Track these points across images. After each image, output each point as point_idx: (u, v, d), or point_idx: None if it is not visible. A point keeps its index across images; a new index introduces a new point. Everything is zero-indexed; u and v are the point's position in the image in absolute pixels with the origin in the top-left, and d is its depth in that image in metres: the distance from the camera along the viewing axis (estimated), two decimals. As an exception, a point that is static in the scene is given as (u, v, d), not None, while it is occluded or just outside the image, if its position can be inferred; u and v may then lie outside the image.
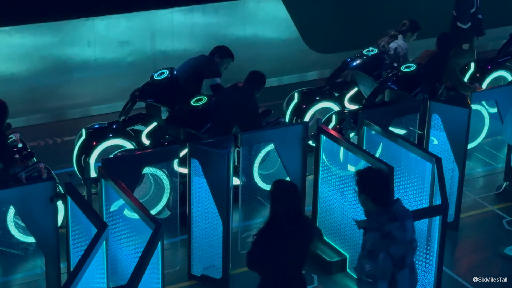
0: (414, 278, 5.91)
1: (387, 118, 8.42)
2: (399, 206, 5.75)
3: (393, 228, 5.63)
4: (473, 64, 11.10)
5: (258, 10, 12.30)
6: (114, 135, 9.28)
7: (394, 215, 5.67)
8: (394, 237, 5.61)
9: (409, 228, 5.71)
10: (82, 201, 6.61)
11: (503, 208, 9.07)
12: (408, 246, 5.69)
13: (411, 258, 5.80)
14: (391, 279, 5.67)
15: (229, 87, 9.11)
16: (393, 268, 5.62)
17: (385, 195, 5.71)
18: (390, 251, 5.59)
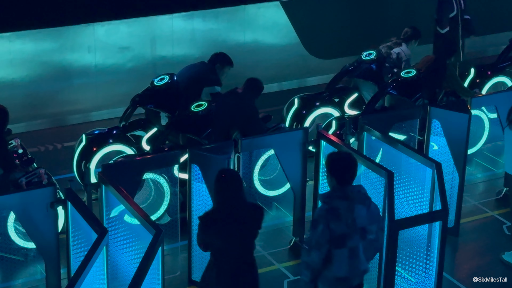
0: (356, 264, 5.99)
1: (387, 123, 8.42)
2: (356, 190, 5.99)
3: (341, 206, 5.90)
4: (473, 70, 11.11)
5: (258, 15, 12.32)
6: (115, 140, 9.28)
7: (346, 195, 5.94)
8: (339, 215, 5.88)
9: (359, 212, 5.92)
10: (82, 207, 6.61)
11: (503, 213, 9.06)
12: (352, 229, 5.90)
13: (356, 243, 5.94)
14: (328, 254, 5.89)
15: (228, 93, 9.12)
16: (329, 243, 5.86)
17: (345, 176, 5.96)
18: (330, 225, 5.85)
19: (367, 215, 5.99)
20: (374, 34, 12.62)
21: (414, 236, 7.50)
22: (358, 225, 5.93)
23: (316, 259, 5.88)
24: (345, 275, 5.98)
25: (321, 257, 5.88)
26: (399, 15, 13.06)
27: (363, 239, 5.99)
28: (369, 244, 6.06)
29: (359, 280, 6.14)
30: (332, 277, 5.97)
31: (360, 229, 5.96)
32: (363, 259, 6.04)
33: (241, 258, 6.20)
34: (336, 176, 5.98)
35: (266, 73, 11.60)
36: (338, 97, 10.47)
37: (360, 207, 5.96)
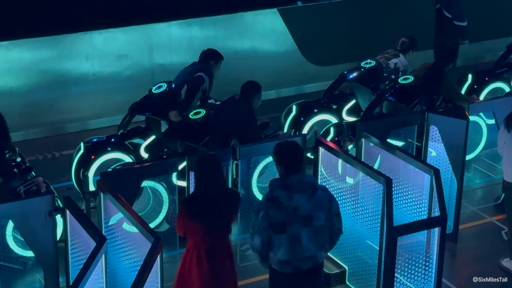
0: (298, 249, 6.24)
1: (385, 130, 8.44)
2: (297, 180, 6.23)
3: (281, 195, 6.20)
4: (471, 76, 11.12)
5: (256, 23, 12.34)
6: (113, 148, 9.29)
7: (286, 185, 6.22)
8: (279, 203, 6.19)
9: (298, 201, 6.19)
10: (81, 215, 6.61)
11: (501, 219, 9.07)
12: (292, 217, 6.18)
13: (296, 230, 6.21)
14: (270, 240, 6.23)
15: (227, 100, 9.13)
16: (269, 229, 6.19)
17: (290, 165, 6.24)
18: (269, 212, 6.18)
19: (310, 203, 6.23)
20: (371, 41, 12.65)
21: (413, 243, 7.51)
22: (300, 213, 6.21)
23: (258, 243, 6.27)
24: (287, 259, 6.27)
25: (263, 241, 6.25)
26: (396, 22, 13.09)
27: (308, 226, 6.25)
28: (319, 230, 6.29)
29: (309, 265, 6.35)
30: (276, 259, 6.32)
31: (303, 217, 6.22)
32: (310, 245, 6.28)
33: (218, 241, 6.44)
34: (282, 165, 6.27)
35: (264, 80, 11.58)
36: (336, 104, 10.49)
37: (299, 196, 6.21)
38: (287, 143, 6.38)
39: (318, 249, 6.34)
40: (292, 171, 6.26)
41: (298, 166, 6.28)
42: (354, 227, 7.83)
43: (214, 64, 9.75)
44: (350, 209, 7.86)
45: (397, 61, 10.58)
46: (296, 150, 6.31)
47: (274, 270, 6.41)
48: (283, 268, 6.32)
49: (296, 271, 6.32)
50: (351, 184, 7.90)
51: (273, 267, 6.40)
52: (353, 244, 7.87)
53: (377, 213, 7.44)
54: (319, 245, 6.33)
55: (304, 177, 6.31)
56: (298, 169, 6.28)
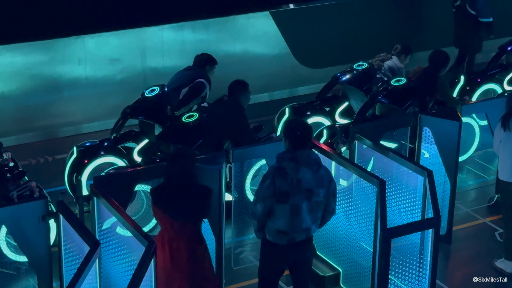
0: (297, 221, 6.56)
1: (378, 132, 8.44)
2: (305, 155, 6.58)
3: (288, 167, 6.53)
4: (463, 77, 11.15)
5: (248, 26, 12.34)
6: (106, 152, 9.27)
7: (294, 158, 6.55)
8: (286, 174, 6.51)
9: (304, 174, 6.53)
10: (74, 220, 6.59)
11: (495, 220, 9.09)
12: (296, 189, 6.50)
13: (298, 202, 6.53)
14: (271, 208, 6.54)
15: (216, 102, 9.12)
16: (273, 198, 6.51)
17: (298, 140, 6.57)
18: (275, 182, 6.50)
19: (314, 179, 6.56)
20: (363, 43, 12.67)
21: (407, 244, 7.50)
22: (303, 186, 6.53)
23: (260, 209, 6.55)
24: (285, 229, 6.57)
25: (265, 209, 6.54)
26: (388, 25, 13.11)
27: (308, 200, 6.56)
28: (316, 205, 6.61)
29: (302, 237, 6.66)
30: (274, 229, 6.59)
31: (305, 190, 6.54)
32: (307, 218, 6.59)
33: (182, 231, 6.61)
34: (290, 140, 6.59)
35: (257, 83, 11.61)
36: (329, 106, 10.49)
37: (305, 169, 6.53)
38: (297, 120, 6.87)
39: (313, 222, 6.66)
40: (299, 146, 6.57)
41: (306, 142, 6.60)
42: (348, 229, 7.83)
43: (209, 69, 9.81)
44: (344, 211, 7.86)
45: (391, 63, 10.61)
46: (305, 127, 6.67)
47: (267, 242, 6.70)
48: (278, 239, 6.61)
49: (290, 242, 6.62)
50: (344, 186, 7.90)
51: (267, 239, 6.67)
52: (347, 247, 7.87)
53: (370, 215, 7.44)
54: (314, 219, 6.65)
55: (312, 154, 6.65)
56: (305, 145, 6.59)
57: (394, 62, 10.59)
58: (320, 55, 12.80)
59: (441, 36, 12.95)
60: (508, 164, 7.95)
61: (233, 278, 8.03)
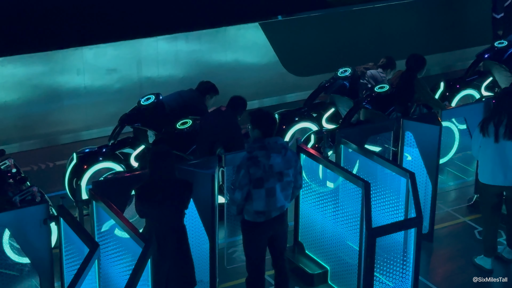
0: (272, 201, 6.96)
1: (363, 136, 8.45)
2: (273, 141, 6.92)
3: (259, 155, 6.87)
4: (443, 83, 11.17)
5: (239, 36, 12.35)
6: (104, 158, 9.26)
7: (264, 146, 6.89)
8: (258, 162, 6.85)
9: (274, 160, 6.89)
10: (74, 223, 6.59)
11: (474, 219, 9.10)
12: (269, 173, 6.88)
13: (272, 185, 6.92)
14: (249, 193, 6.89)
15: (213, 111, 9.13)
16: (250, 185, 6.86)
17: (267, 129, 6.93)
18: (250, 170, 6.84)
19: (283, 162, 6.93)
20: (348, 52, 12.70)
21: (391, 243, 7.52)
22: (275, 170, 6.91)
23: (239, 197, 6.91)
24: (263, 210, 6.97)
25: (243, 195, 6.90)
26: (372, 33, 13.14)
27: (281, 181, 6.96)
28: (287, 184, 7.01)
29: (277, 213, 7.06)
30: (253, 211, 6.98)
31: (277, 173, 6.92)
32: (280, 197, 7.00)
33: (170, 225, 6.83)
34: (260, 129, 6.93)
35: (247, 90, 11.62)
36: (316, 112, 10.50)
37: (275, 155, 6.90)
38: (263, 111, 7.12)
39: (286, 199, 7.09)
40: (267, 134, 6.94)
41: (272, 130, 6.98)
42: (335, 229, 7.84)
43: (209, 98, 9.70)
44: (331, 212, 7.87)
45: (375, 72, 10.64)
46: (272, 117, 7.04)
47: (246, 221, 7.07)
48: (257, 218, 7.00)
49: (267, 218, 7.02)
50: (331, 188, 7.91)
51: (246, 219, 7.05)
52: (334, 246, 7.87)
53: (356, 215, 7.44)
54: (286, 196, 7.08)
55: (278, 140, 6.99)
56: (272, 133, 6.97)
57: (378, 72, 10.61)
58: (307, 64, 12.81)
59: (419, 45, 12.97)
60: (488, 168, 7.95)
61: (227, 276, 8.03)
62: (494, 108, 8.06)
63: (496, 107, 8.01)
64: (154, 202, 6.80)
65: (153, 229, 6.86)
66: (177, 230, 6.92)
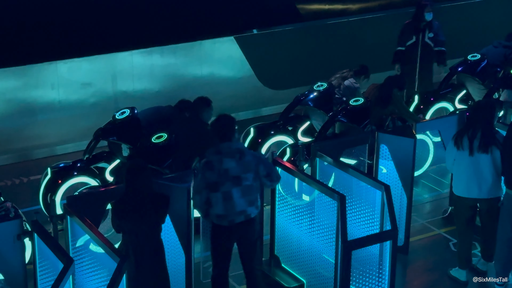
0: (230, 205, 7.04)
1: (338, 149, 8.48)
2: (227, 146, 7.06)
3: (214, 159, 7.06)
4: (417, 97, 11.25)
5: (214, 50, 12.36)
6: (79, 173, 9.21)
7: (219, 150, 7.07)
8: (212, 166, 7.03)
9: (228, 164, 7.01)
10: (48, 238, 6.53)
11: (449, 231, 9.15)
12: (224, 177, 7.00)
13: (228, 188, 7.02)
14: (207, 197, 7.04)
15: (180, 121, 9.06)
16: (207, 188, 7.02)
17: (222, 134, 7.10)
18: (205, 174, 7.03)
19: (239, 166, 7.03)
20: (323, 65, 12.75)
21: (367, 255, 7.54)
22: (231, 174, 7.02)
23: (198, 201, 7.10)
24: (222, 213, 7.07)
25: (201, 199, 7.07)
26: (345, 48, 13.22)
27: (238, 185, 7.04)
28: (248, 189, 7.08)
29: (241, 219, 7.12)
30: (214, 214, 7.10)
31: (233, 177, 7.02)
32: (240, 202, 7.05)
33: (147, 239, 6.82)
34: (215, 135, 7.14)
35: (223, 104, 11.63)
36: (292, 126, 10.53)
37: (228, 160, 7.02)
38: (220, 116, 7.27)
39: (249, 205, 7.11)
40: (223, 139, 7.08)
41: (229, 135, 7.10)
42: (311, 242, 7.84)
43: None
44: (307, 225, 7.87)
45: (349, 83, 10.72)
46: (227, 122, 7.17)
47: (214, 224, 7.20)
48: (220, 221, 7.11)
49: (231, 223, 7.10)
50: (307, 202, 7.92)
51: (214, 222, 7.17)
52: (310, 259, 7.87)
53: (332, 228, 7.46)
54: (249, 202, 7.10)
55: (233, 144, 7.11)
56: (229, 138, 7.09)
57: (351, 81, 10.71)
58: (282, 77, 12.85)
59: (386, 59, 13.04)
60: (462, 180, 7.99)
61: (203, 290, 8.01)
62: (468, 121, 8.11)
63: (470, 120, 8.06)
64: (131, 217, 6.78)
65: (129, 244, 6.85)
66: (153, 245, 6.91)
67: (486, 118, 7.90)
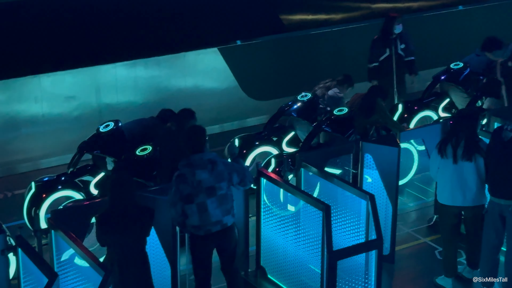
0: (205, 216, 7.07)
1: (323, 159, 8.48)
2: (198, 158, 7.08)
3: (186, 172, 7.07)
4: (401, 105, 11.28)
5: (198, 62, 12.35)
6: (63, 186, 9.16)
7: (190, 163, 7.08)
8: (186, 179, 7.04)
9: (200, 176, 7.03)
10: (33, 253, 6.48)
11: (435, 239, 9.15)
12: (197, 189, 7.03)
13: (202, 200, 7.05)
14: (183, 209, 7.05)
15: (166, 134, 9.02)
16: (181, 201, 7.04)
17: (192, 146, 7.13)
18: (179, 187, 7.04)
19: (212, 176, 7.06)
20: (306, 76, 12.77)
21: (352, 265, 7.53)
22: (204, 185, 7.04)
23: (174, 214, 7.11)
24: (198, 224, 7.10)
25: (177, 211, 7.07)
26: (329, 58, 13.24)
27: (213, 195, 7.07)
28: (223, 198, 7.12)
29: (218, 228, 7.16)
30: (190, 225, 7.13)
31: (206, 189, 7.05)
32: (216, 212, 7.09)
33: (132, 252, 6.82)
34: (186, 147, 7.15)
35: (208, 116, 11.61)
36: (276, 136, 10.52)
37: (200, 171, 7.04)
38: (191, 128, 7.33)
39: (225, 214, 7.15)
40: (193, 151, 7.10)
41: (199, 146, 7.11)
42: (297, 253, 7.83)
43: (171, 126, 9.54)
44: (292, 236, 7.86)
45: (333, 93, 10.72)
46: (197, 133, 7.19)
47: (192, 234, 7.22)
48: (197, 231, 7.15)
49: (207, 233, 7.14)
50: (292, 212, 7.90)
51: (191, 232, 7.19)
52: (296, 269, 7.85)
53: (318, 238, 7.45)
54: (225, 211, 7.14)
55: (205, 155, 7.11)
56: (200, 149, 7.11)
57: (335, 91, 10.72)
58: (266, 88, 12.85)
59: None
60: (446, 189, 8.00)
61: (189, 303, 7.97)
62: (452, 129, 8.13)
63: (454, 128, 8.08)
64: (115, 230, 6.75)
65: (114, 257, 6.80)
66: (138, 258, 6.88)
67: (469, 126, 7.92)
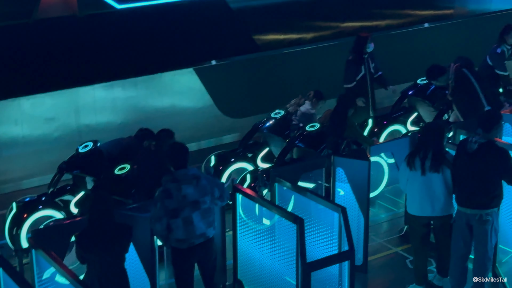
0: (190, 229, 7.17)
1: (296, 174, 8.54)
2: (183, 173, 7.20)
3: (171, 187, 7.16)
4: (371, 120, 11.37)
5: (174, 82, 12.41)
6: (44, 206, 9.15)
7: (175, 178, 7.18)
8: (171, 194, 7.12)
9: (186, 190, 7.13)
10: (13, 272, 6.46)
11: (406, 249, 9.22)
12: (183, 204, 7.11)
13: (187, 214, 7.14)
14: (167, 224, 7.12)
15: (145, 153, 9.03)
16: (167, 215, 7.10)
17: (177, 162, 7.25)
18: (164, 203, 7.11)
19: (196, 191, 7.18)
20: (279, 94, 12.85)
21: (327, 276, 7.58)
22: (189, 200, 7.13)
23: (159, 228, 7.16)
24: (182, 238, 7.19)
25: (162, 226, 7.14)
26: (301, 76, 13.35)
27: (197, 209, 7.19)
28: (206, 212, 7.24)
29: (201, 240, 7.27)
30: (174, 239, 7.20)
31: (191, 203, 7.15)
32: (200, 225, 7.21)
33: (111, 269, 6.84)
34: (171, 163, 7.26)
35: (185, 134, 11.65)
36: (251, 152, 10.57)
37: (186, 186, 7.15)
38: (175, 144, 7.50)
39: (208, 227, 7.29)
40: (177, 167, 7.22)
41: (183, 162, 7.24)
42: (273, 265, 7.87)
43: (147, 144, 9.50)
44: (268, 249, 7.90)
45: (304, 109, 10.81)
46: (181, 150, 7.30)
47: (174, 248, 7.28)
48: (180, 245, 7.22)
49: (190, 245, 7.23)
50: (268, 226, 7.95)
51: (173, 246, 7.26)
52: (272, 282, 7.89)
53: (293, 251, 7.49)
54: (208, 224, 7.28)
55: (189, 171, 7.24)
56: (183, 165, 7.23)
57: (307, 107, 10.80)
58: (241, 106, 12.92)
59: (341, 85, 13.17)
60: (416, 200, 8.07)
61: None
62: (420, 142, 8.22)
63: (421, 141, 8.17)
64: (94, 248, 6.78)
65: (94, 274, 6.81)
66: (118, 274, 6.91)
67: (436, 139, 8.01)
